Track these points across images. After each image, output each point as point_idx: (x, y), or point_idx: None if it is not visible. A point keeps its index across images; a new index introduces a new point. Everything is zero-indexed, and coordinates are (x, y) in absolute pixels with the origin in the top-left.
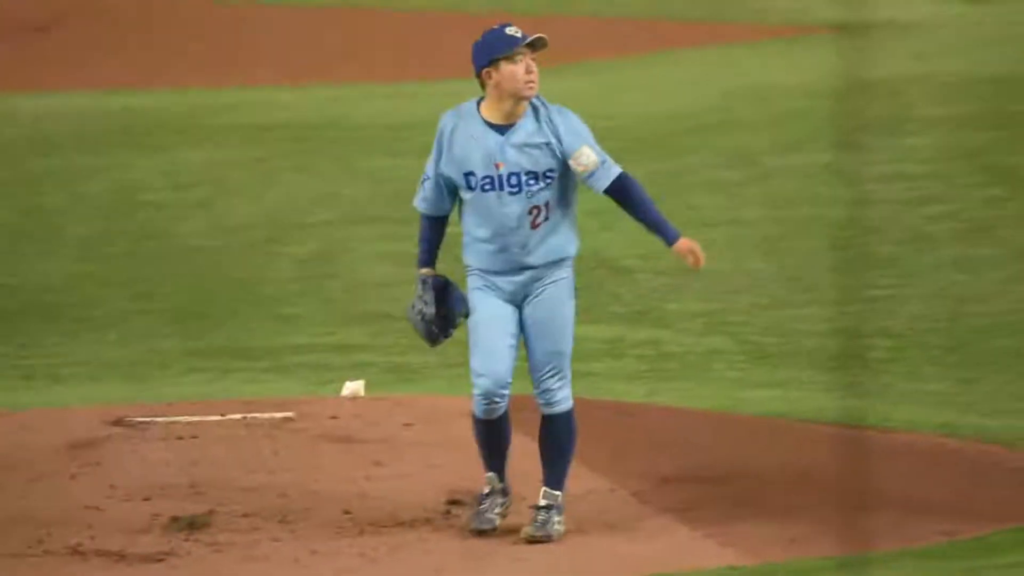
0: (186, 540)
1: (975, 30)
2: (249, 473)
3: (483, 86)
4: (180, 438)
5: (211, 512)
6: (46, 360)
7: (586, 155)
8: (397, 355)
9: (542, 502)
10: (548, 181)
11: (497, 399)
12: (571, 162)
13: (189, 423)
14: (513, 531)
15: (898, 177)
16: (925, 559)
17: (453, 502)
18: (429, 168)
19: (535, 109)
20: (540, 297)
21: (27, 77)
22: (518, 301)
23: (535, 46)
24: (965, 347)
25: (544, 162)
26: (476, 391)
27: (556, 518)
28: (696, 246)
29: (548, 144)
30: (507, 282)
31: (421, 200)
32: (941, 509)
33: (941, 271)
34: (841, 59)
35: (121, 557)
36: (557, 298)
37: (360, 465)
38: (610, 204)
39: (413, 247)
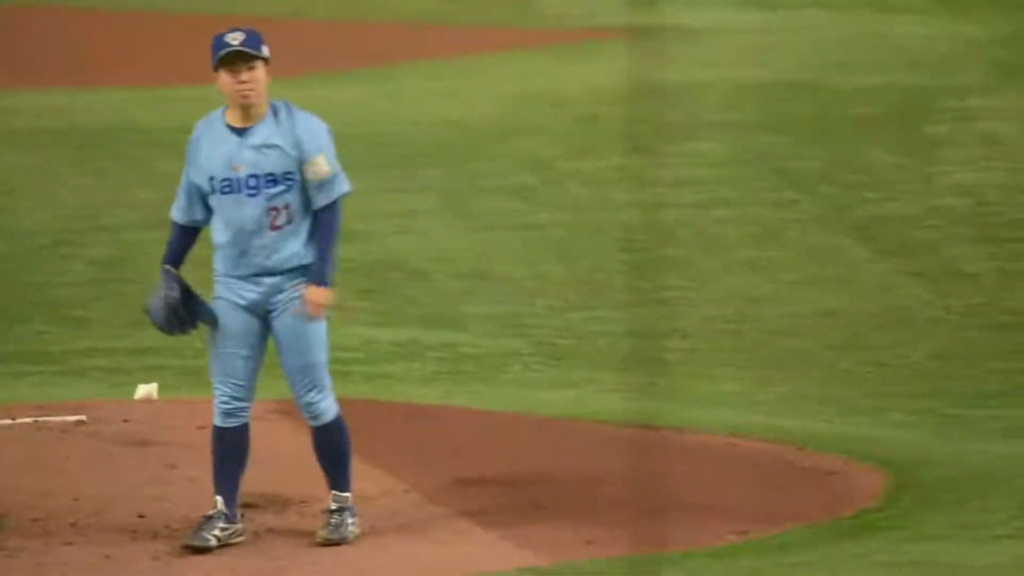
0: None
1: (763, 36)
2: (41, 477)
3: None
4: None
5: (2, 516)
6: None
7: (320, 164)
8: (191, 358)
9: (333, 506)
10: (288, 184)
11: (235, 404)
12: (305, 167)
13: None
14: (308, 535)
15: (689, 181)
16: (717, 558)
17: (247, 505)
18: (183, 177)
19: (275, 112)
20: (286, 308)
21: None
22: (261, 312)
23: (236, 59)
24: (756, 348)
25: (281, 164)
26: (215, 399)
27: (349, 520)
28: (325, 303)
29: (283, 147)
30: (249, 290)
31: (176, 209)
32: (734, 509)
33: (732, 273)
34: (632, 64)
35: None
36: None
37: (154, 468)
38: (404, 207)
39: (210, 251)
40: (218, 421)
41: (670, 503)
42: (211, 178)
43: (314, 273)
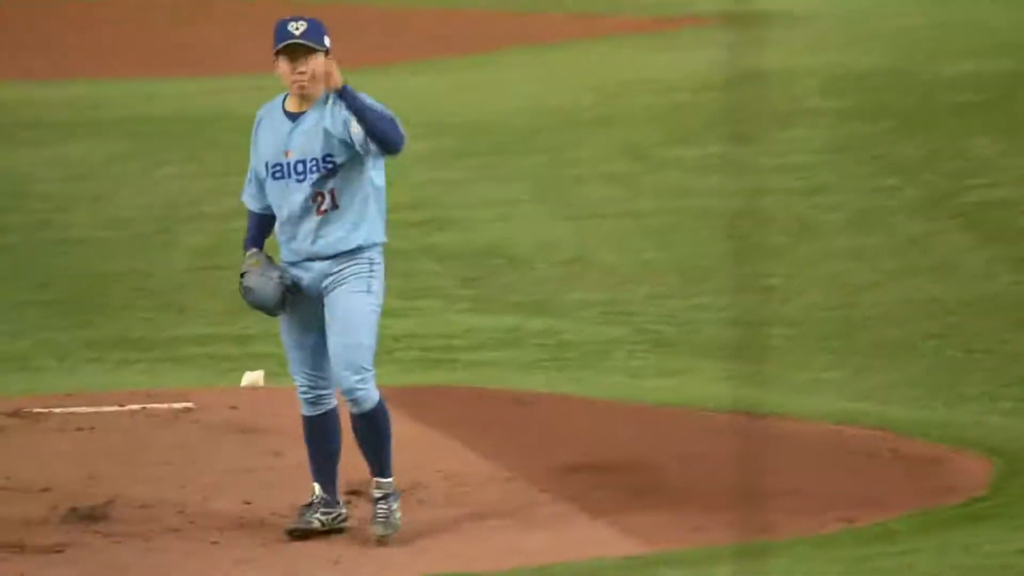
0: (85, 531)
1: (862, 22)
2: (148, 464)
3: None
4: (78, 429)
5: (110, 503)
6: None
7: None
8: None
9: (377, 493)
10: (329, 167)
11: (318, 392)
12: (351, 129)
13: (87, 414)
14: (417, 521)
15: (789, 168)
16: (823, 547)
17: (352, 492)
18: (250, 163)
19: (327, 96)
20: (333, 291)
21: None
22: (314, 294)
23: (292, 50)
24: (859, 336)
25: (327, 146)
26: (297, 391)
27: (395, 506)
28: (332, 71)
29: (330, 129)
30: (303, 274)
31: (247, 196)
32: (839, 497)
33: (834, 260)
34: (731, 50)
35: (20, 549)
36: (348, 290)
37: (260, 455)
38: (503, 195)
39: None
40: (304, 411)
41: (774, 491)
42: (266, 164)
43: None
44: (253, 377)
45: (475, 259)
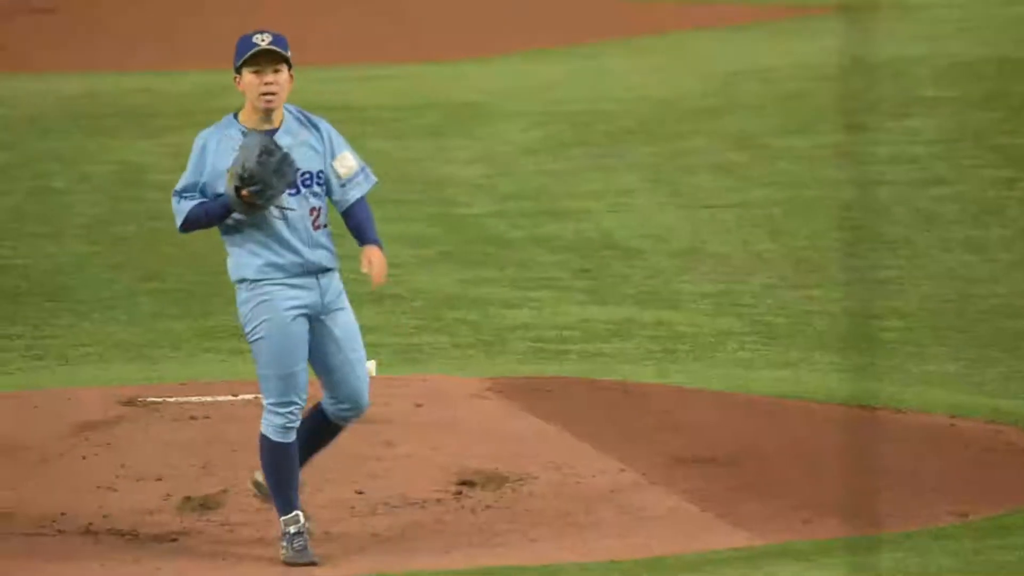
0: (198, 520)
1: (975, 11)
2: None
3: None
4: (192, 418)
5: (223, 492)
6: (57, 341)
7: (348, 158)
8: (407, 336)
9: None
10: (320, 183)
11: (298, 420)
12: (334, 163)
13: (201, 403)
14: (526, 513)
15: (904, 158)
16: (937, 539)
17: (464, 483)
18: (185, 184)
19: (291, 114)
20: (335, 310)
21: (29, 58)
22: (312, 313)
23: (266, 59)
24: (975, 328)
25: (316, 162)
26: (277, 419)
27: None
28: (382, 260)
29: (314, 145)
30: (301, 292)
31: (187, 204)
32: (954, 490)
33: (949, 252)
34: (844, 40)
35: (134, 537)
36: (347, 308)
37: (371, 445)
38: (615, 186)
39: (420, 228)
40: (280, 437)
41: (888, 483)
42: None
43: (371, 238)
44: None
45: (588, 250)
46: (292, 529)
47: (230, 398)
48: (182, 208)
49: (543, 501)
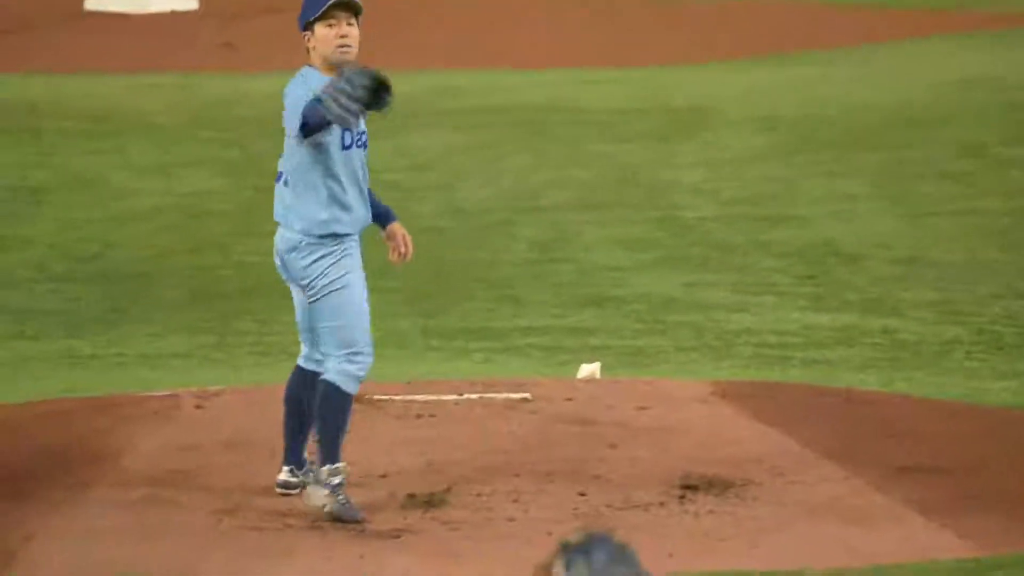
0: (422, 518)
1: None
2: (484, 453)
3: (308, 51)
4: (418, 416)
5: (447, 491)
6: (283, 337)
7: None
8: (630, 339)
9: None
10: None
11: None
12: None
13: (427, 402)
14: (749, 519)
15: None
16: None
17: (687, 487)
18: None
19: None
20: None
21: (260, 58)
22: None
23: (348, 7)
24: None
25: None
26: (360, 366)
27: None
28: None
29: None
30: (356, 248)
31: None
32: None
33: None
34: None
35: (359, 532)
36: None
37: (595, 447)
38: (840, 192)
39: (642, 231)
40: (350, 388)
41: None
42: (344, 133)
43: (394, 215)
44: (590, 369)
45: (811, 256)
46: (336, 480)
47: (454, 397)
48: (301, 112)
49: (766, 507)
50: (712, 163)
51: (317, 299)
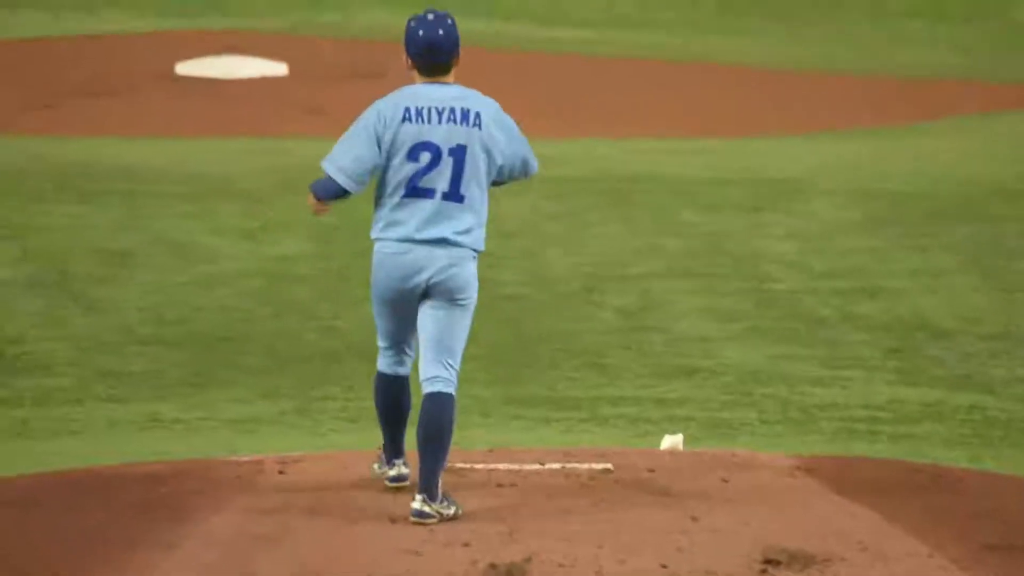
0: None
1: None
2: (566, 522)
3: (450, 70)
4: (500, 485)
5: (528, 560)
6: (369, 404)
7: None
8: (715, 410)
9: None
10: None
11: None
12: None
13: (508, 470)
14: None
15: None
16: None
17: (769, 560)
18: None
19: None
20: None
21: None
22: None
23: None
24: None
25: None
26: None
27: None
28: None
29: None
30: None
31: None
32: None
33: None
34: None
35: None
36: None
37: (677, 518)
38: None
39: (731, 302)
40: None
41: None
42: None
43: None
44: (673, 440)
45: (900, 329)
46: (451, 512)
47: (537, 466)
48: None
49: None
50: (803, 235)
51: (466, 311)
